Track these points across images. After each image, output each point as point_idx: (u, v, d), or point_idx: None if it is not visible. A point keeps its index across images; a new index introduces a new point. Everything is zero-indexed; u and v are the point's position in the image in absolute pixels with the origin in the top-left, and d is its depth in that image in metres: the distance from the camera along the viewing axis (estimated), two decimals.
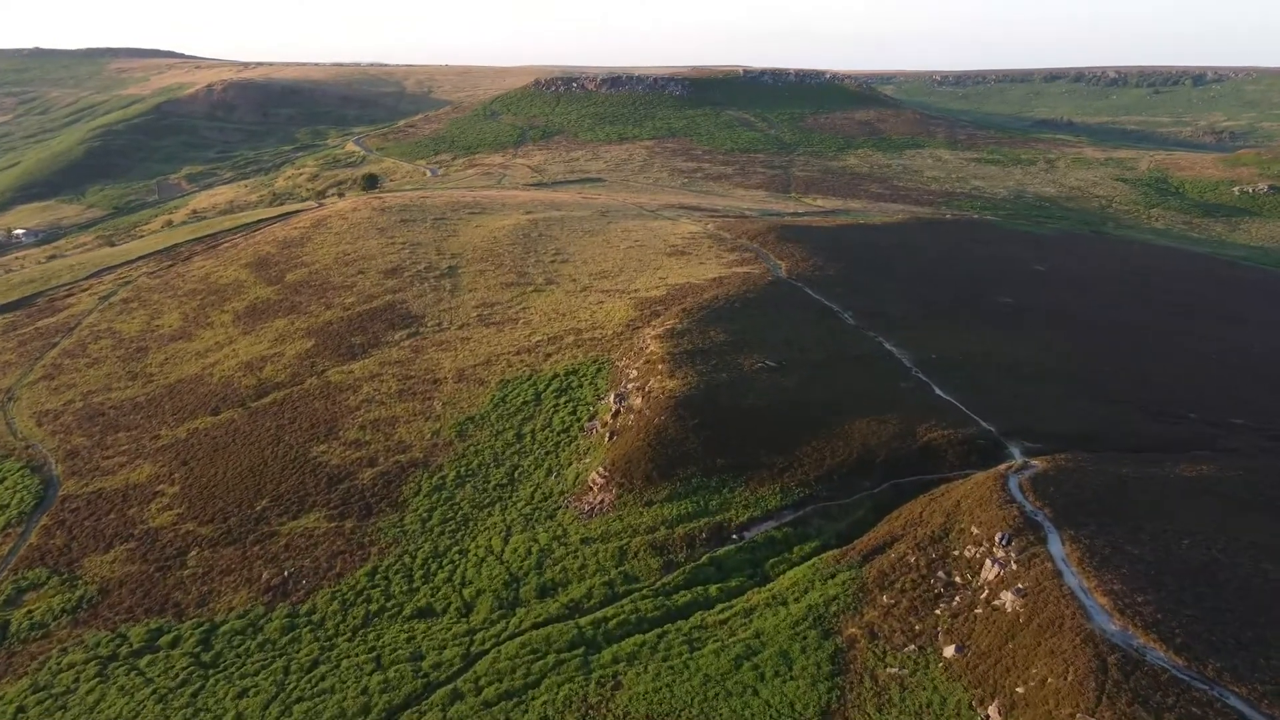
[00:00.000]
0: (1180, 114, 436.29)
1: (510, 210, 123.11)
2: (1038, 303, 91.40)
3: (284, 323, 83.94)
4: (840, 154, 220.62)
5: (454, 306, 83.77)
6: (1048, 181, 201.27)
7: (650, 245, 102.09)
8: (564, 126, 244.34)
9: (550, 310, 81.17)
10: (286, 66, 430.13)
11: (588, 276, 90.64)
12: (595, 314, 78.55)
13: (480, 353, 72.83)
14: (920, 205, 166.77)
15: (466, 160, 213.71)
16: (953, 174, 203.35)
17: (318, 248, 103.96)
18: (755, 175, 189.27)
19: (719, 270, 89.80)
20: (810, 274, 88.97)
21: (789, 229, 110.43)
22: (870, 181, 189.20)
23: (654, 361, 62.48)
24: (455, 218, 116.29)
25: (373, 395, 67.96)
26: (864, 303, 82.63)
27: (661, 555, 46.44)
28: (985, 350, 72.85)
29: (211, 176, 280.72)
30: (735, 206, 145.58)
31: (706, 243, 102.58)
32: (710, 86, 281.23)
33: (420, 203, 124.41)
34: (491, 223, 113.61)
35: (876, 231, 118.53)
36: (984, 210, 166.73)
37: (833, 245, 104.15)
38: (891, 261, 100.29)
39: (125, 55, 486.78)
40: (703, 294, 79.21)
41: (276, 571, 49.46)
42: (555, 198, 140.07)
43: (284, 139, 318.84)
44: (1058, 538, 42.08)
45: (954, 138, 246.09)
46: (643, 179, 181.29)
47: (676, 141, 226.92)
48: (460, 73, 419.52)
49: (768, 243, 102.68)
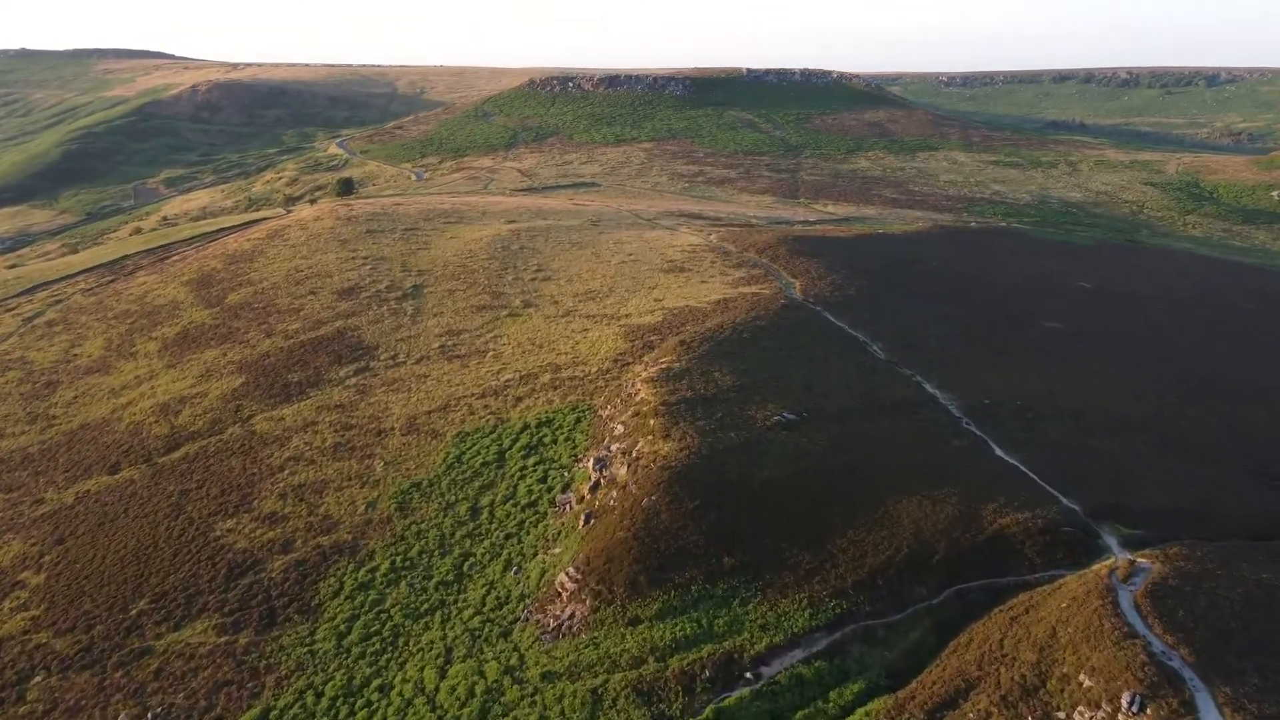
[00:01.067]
0: (1194, 115, 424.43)
1: (491, 219, 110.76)
2: (1092, 327, 78.97)
3: (215, 354, 71.50)
4: (850, 156, 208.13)
5: (414, 335, 71.41)
6: (1072, 185, 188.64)
7: (645, 260, 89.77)
8: (559, 128, 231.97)
9: (526, 340, 68.82)
10: (276, 67, 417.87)
11: (572, 298, 78.31)
12: (578, 345, 66.22)
13: (438, 395, 60.45)
14: (939, 211, 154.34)
15: (455, 163, 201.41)
16: (970, 177, 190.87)
17: (269, 263, 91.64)
18: (760, 179, 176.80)
19: (724, 291, 77.47)
20: (829, 295, 76.61)
21: (801, 240, 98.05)
22: (883, 185, 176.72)
23: (645, 414, 50.09)
24: (429, 228, 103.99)
25: (302, 451, 55.49)
26: (894, 330, 70.24)
27: (649, 704, 33.90)
28: (1043, 390, 60.44)
29: (192, 180, 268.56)
30: (740, 214, 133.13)
31: (709, 257, 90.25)
32: (712, 86, 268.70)
33: (392, 211, 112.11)
34: (469, 233, 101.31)
35: (898, 242, 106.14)
36: (1008, 217, 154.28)
37: (851, 259, 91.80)
38: (919, 278, 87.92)
39: (113, 56, 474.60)
40: (705, 321, 66.85)
41: (138, 713, 37.12)
42: (544, 204, 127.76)
43: (270, 141, 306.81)
44: (1210, 699, 29.68)
45: (969, 139, 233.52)
46: (640, 183, 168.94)
47: (677, 143, 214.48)
48: (455, 73, 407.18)
49: (778, 257, 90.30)
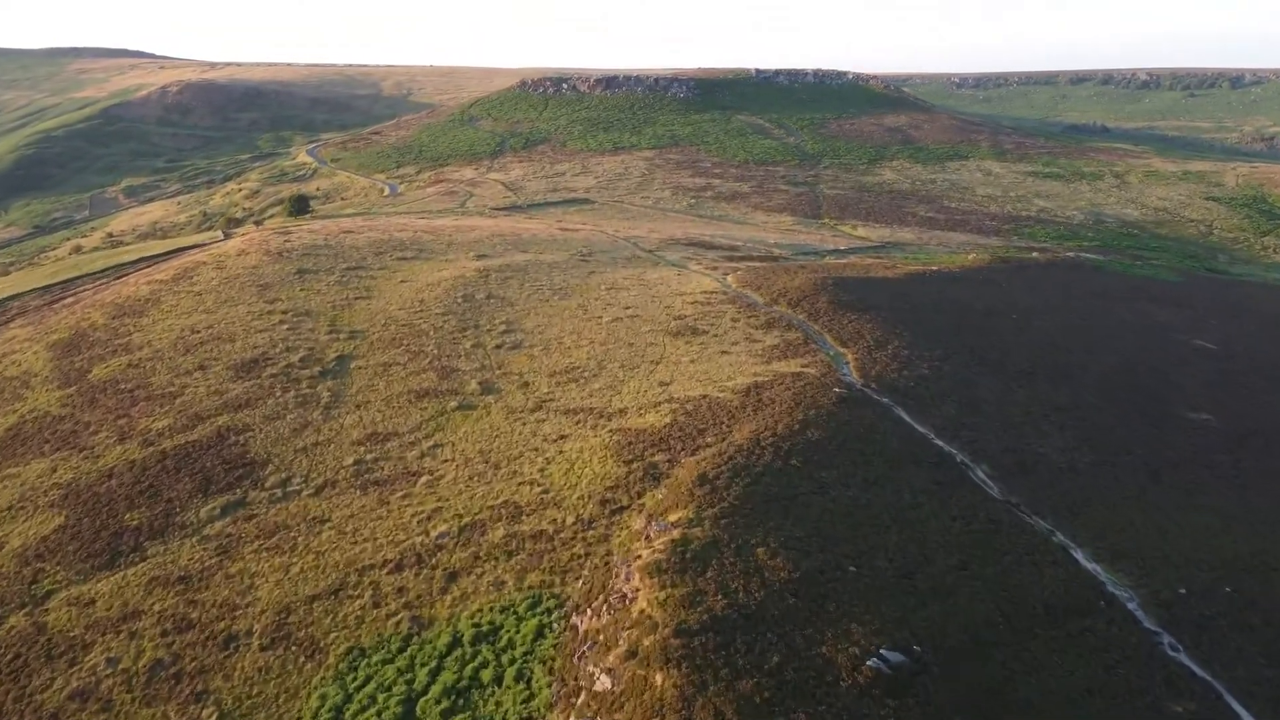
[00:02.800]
0: (1221, 118, 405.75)
1: (458, 252, 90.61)
2: (1252, 422, 58.51)
3: (42, 468, 51.06)
4: (873, 166, 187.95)
5: (322, 440, 51.13)
6: (1124, 200, 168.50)
7: (647, 315, 69.65)
8: (550, 134, 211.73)
9: (477, 454, 48.63)
10: (256, 67, 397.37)
11: (548, 378, 58.12)
12: (550, 467, 46.00)
13: (332, 562, 40.13)
14: (984, 234, 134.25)
15: (434, 173, 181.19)
16: (1010, 191, 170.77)
17: (162, 317, 71.34)
18: (777, 194, 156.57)
19: (753, 368, 57.38)
20: (896, 375, 56.50)
21: (842, 285, 77.99)
22: (915, 201, 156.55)
23: (648, 658, 29.78)
24: (376, 266, 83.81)
25: (99, 679, 35.22)
26: (997, 438, 50.13)
27: None
28: (1250, 554, 40.05)
29: (154, 189, 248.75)
30: (759, 240, 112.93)
31: (729, 311, 70.11)
32: (718, 88, 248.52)
33: (337, 242, 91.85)
34: (426, 274, 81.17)
35: (958, 284, 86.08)
36: (1064, 240, 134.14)
37: (910, 313, 71.75)
38: (1001, 340, 67.81)
39: (89, 55, 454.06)
40: (732, 429, 46.77)
41: None
42: (526, 229, 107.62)
43: (244, 146, 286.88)
44: None
45: (1000, 146, 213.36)
46: (640, 200, 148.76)
47: (680, 151, 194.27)
48: (444, 74, 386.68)
49: (818, 311, 70.25)
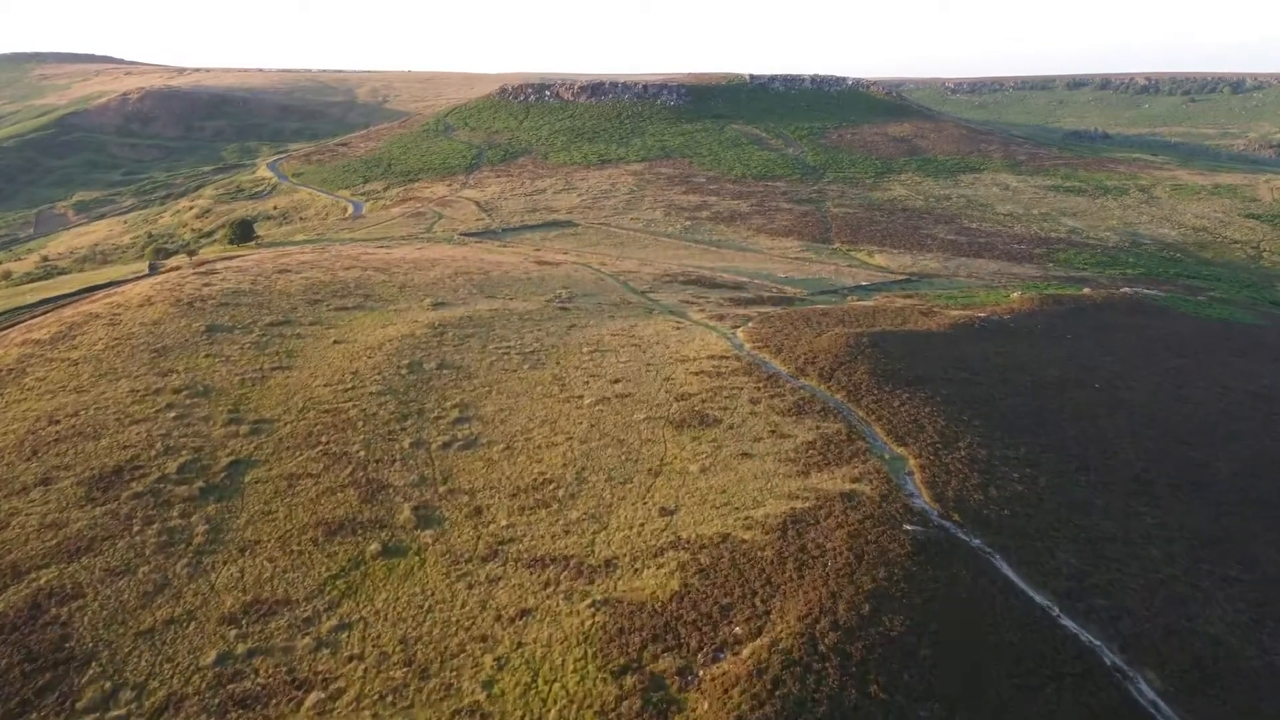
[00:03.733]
0: (1224, 125, 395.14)
1: (411, 299, 75.34)
2: None
3: None
4: (881, 181, 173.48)
5: (179, 617, 35.69)
6: (1158, 219, 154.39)
7: (642, 393, 54.48)
8: (531, 145, 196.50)
9: (396, 649, 33.28)
10: (226, 72, 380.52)
11: (508, 500, 42.84)
12: (500, 684, 30.67)
13: None
14: (1015, 260, 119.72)
15: (402, 190, 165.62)
16: (1031, 208, 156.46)
17: (21, 397, 55.59)
18: (780, 214, 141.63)
19: (787, 482, 42.29)
20: (982, 496, 41.49)
21: (882, 345, 62.95)
22: (932, 221, 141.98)
23: None
24: (309, 319, 68.35)
25: None
26: (1143, 604, 35.21)
27: None
28: None
29: (107, 205, 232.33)
30: (766, 273, 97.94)
31: (746, 387, 54.97)
32: (711, 95, 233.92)
33: (266, 286, 76.36)
34: (368, 331, 65.79)
35: (1015, 337, 71.19)
36: (1101, 265, 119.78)
37: (971, 384, 56.89)
38: (1095, 427, 52.82)
39: (53, 60, 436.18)
40: (770, 608, 31.75)
41: None
42: (496, 263, 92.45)
43: (207, 157, 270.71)
44: None
45: (1013, 158, 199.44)
46: (629, 222, 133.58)
47: (672, 164, 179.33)
48: (424, 80, 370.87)
49: (857, 384, 55.26)
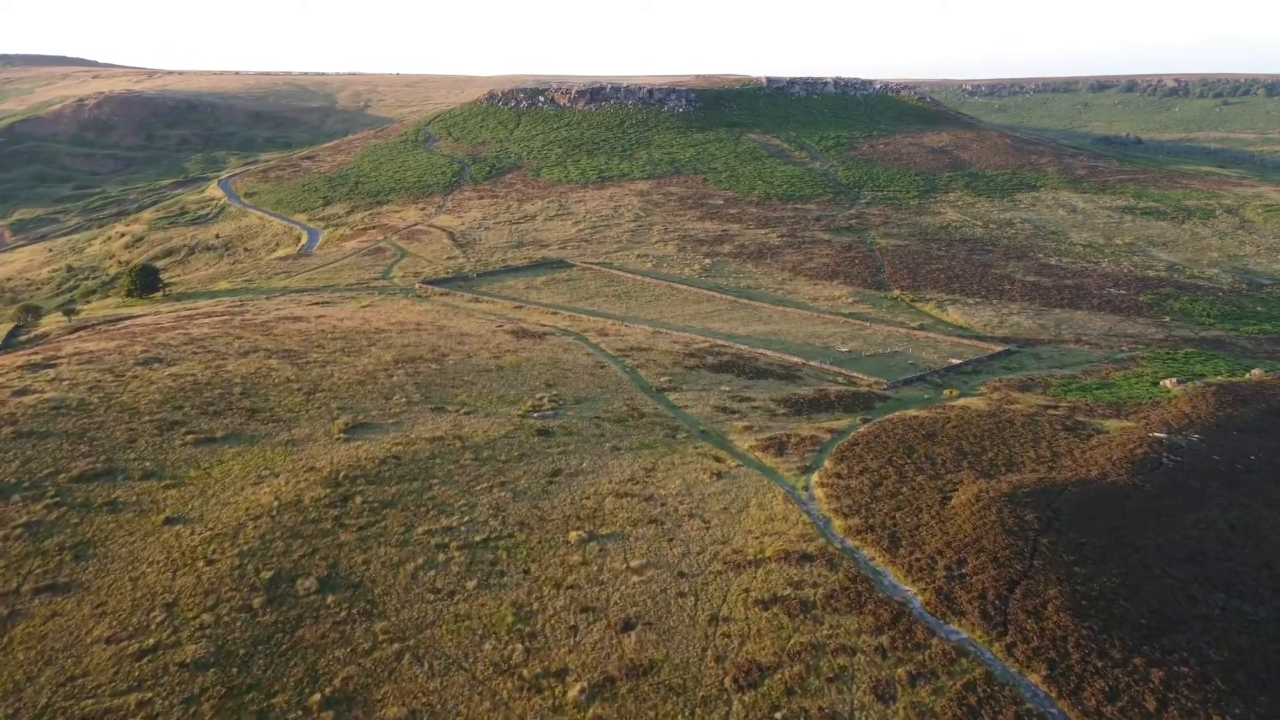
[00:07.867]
0: (1264, 129, 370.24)
1: (316, 419, 50.69)
2: None
3: None
4: (926, 201, 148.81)
5: None
6: (1264, 249, 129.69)
7: (675, 662, 29.79)
8: (522, 159, 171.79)
9: None
10: (198, 75, 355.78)
11: None
12: None
13: None
14: (1123, 313, 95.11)
15: (368, 214, 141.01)
16: (1113, 237, 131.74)
17: None
18: (818, 247, 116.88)
19: None
20: None
21: (1058, 530, 38.20)
22: (1002, 256, 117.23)
23: None
24: (139, 471, 43.76)
25: None
26: None
27: None
28: None
29: (50, 223, 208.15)
30: (822, 345, 73.17)
31: (860, 647, 30.19)
32: (724, 101, 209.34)
33: (103, 398, 51.87)
34: (224, 499, 41.14)
35: (1234, 483, 46.25)
36: (1233, 320, 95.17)
37: (1246, 623, 32.27)
38: None
39: (20, 63, 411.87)
40: None
41: None
42: (460, 334, 67.92)
43: (169, 169, 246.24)
44: None
45: (1070, 172, 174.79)
46: (636, 259, 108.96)
47: (684, 182, 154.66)
48: (410, 83, 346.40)
49: (1057, 642, 30.20)
